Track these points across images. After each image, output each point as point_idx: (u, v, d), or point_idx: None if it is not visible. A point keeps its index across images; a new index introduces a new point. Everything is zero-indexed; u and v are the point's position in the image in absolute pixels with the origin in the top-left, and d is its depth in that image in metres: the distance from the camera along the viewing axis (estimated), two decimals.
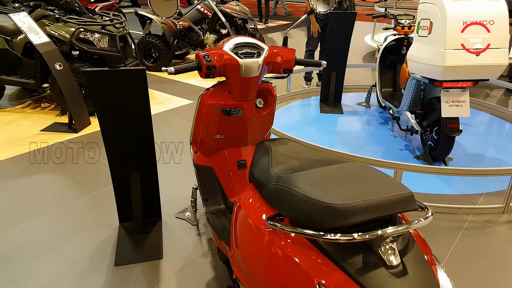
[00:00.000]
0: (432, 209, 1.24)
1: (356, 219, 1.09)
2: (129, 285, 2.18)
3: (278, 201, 1.32)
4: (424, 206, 1.24)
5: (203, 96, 1.98)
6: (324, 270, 1.13)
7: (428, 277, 1.11)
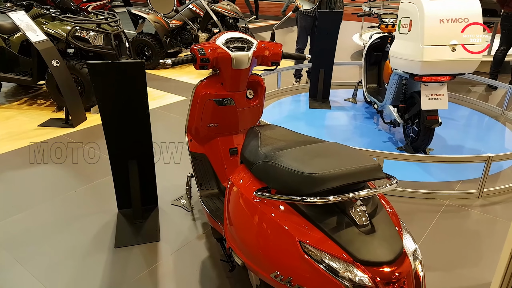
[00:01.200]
0: (397, 179, 1.42)
1: (331, 184, 1.27)
2: (129, 265, 2.34)
3: (266, 175, 1.50)
4: (390, 176, 1.42)
5: (197, 87, 2.16)
6: (304, 230, 1.31)
7: (392, 235, 1.29)
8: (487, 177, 2.95)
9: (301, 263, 1.28)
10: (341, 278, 1.20)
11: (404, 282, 1.21)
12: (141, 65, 2.21)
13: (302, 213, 1.36)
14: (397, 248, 1.25)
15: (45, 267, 2.30)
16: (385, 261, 1.21)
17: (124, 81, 2.26)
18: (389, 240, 1.28)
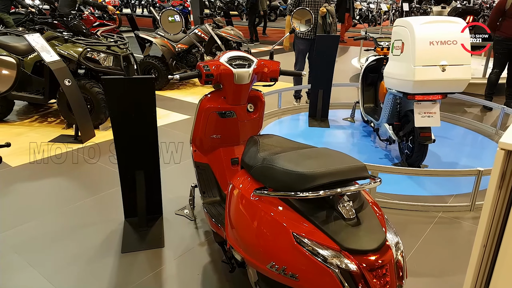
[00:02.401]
0: (381, 179, 1.57)
1: (320, 181, 1.42)
2: (134, 268, 2.47)
3: (263, 176, 1.65)
4: (375, 176, 1.57)
5: (202, 100, 2.34)
6: (297, 223, 1.46)
7: (376, 227, 1.44)
8: (478, 190, 3.08)
9: (294, 252, 1.42)
10: (329, 264, 1.33)
11: (387, 269, 1.34)
12: (150, 80, 2.40)
13: (295, 208, 1.50)
14: (380, 239, 1.39)
15: (55, 269, 2.43)
16: (369, 249, 1.35)
17: (135, 95, 2.45)
18: (373, 232, 1.42)
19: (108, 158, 4.00)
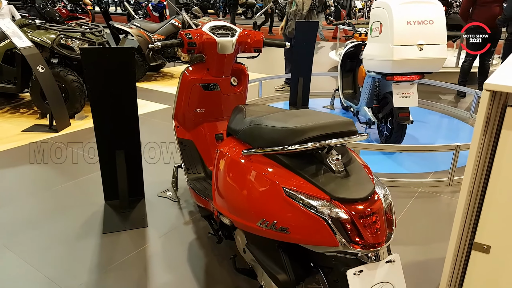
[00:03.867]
0: (368, 133, 1.58)
1: (309, 135, 1.42)
2: (117, 248, 2.41)
3: (252, 137, 1.63)
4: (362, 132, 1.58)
5: (184, 72, 2.30)
6: (287, 178, 1.45)
7: (365, 179, 1.44)
8: (456, 165, 3.15)
9: (284, 206, 1.41)
10: (320, 213, 1.33)
11: (377, 217, 1.35)
12: (130, 51, 2.35)
13: (284, 165, 1.49)
14: (369, 188, 1.39)
15: (34, 251, 2.35)
16: (359, 198, 1.35)
17: (114, 67, 2.39)
18: (362, 183, 1.42)
19: (86, 145, 3.90)
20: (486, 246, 1.42)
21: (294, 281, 1.51)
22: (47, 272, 2.17)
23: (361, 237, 1.33)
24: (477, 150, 1.34)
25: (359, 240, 1.33)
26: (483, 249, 1.43)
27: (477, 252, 1.45)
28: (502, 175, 1.33)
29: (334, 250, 1.36)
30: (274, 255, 1.58)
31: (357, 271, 1.33)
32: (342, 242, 1.31)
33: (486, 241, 1.42)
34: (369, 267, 1.35)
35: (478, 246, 1.44)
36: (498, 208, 1.36)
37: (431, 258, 2.35)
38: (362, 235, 1.32)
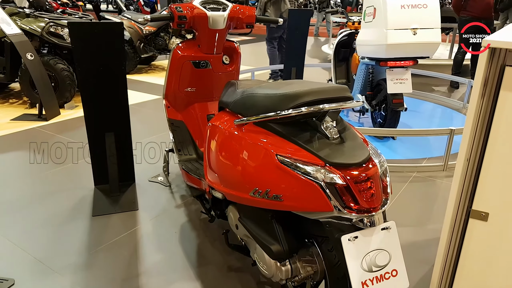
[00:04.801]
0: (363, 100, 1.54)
1: (304, 99, 1.38)
2: (107, 230, 2.35)
3: (244, 106, 1.59)
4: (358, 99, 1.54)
5: (175, 49, 2.25)
6: (280, 145, 1.40)
7: (360, 145, 1.40)
8: (450, 150, 3.13)
9: (278, 173, 1.37)
10: (314, 178, 1.29)
11: (372, 182, 1.31)
12: (120, 26, 2.29)
13: (278, 133, 1.45)
14: (364, 154, 1.35)
15: (22, 233, 2.29)
16: (354, 163, 1.31)
17: (103, 44, 2.33)
18: (357, 149, 1.38)
19: (74, 133, 3.83)
20: (484, 213, 1.39)
21: (287, 252, 1.47)
22: (34, 253, 2.11)
23: (356, 202, 1.29)
24: (475, 113, 1.31)
25: (354, 205, 1.29)
26: (481, 216, 1.40)
27: (474, 220, 1.42)
28: (500, 138, 1.30)
29: (328, 215, 1.32)
30: (267, 227, 1.53)
31: (352, 237, 1.29)
32: (337, 207, 1.27)
33: (484, 208, 1.39)
34: (364, 233, 1.32)
35: (475, 214, 1.41)
36: (496, 173, 1.33)
37: (426, 239, 2.32)
38: (357, 200, 1.28)
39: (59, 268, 2.01)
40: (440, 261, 1.48)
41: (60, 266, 2.03)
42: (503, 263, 1.39)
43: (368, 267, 1.30)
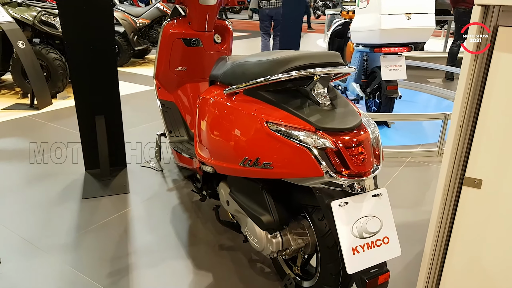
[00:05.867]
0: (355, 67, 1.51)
1: (294, 64, 1.35)
2: (97, 212, 2.32)
3: (234, 76, 1.56)
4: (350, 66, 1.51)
5: (165, 26, 2.22)
6: (270, 113, 1.37)
7: (351, 111, 1.38)
8: (445, 135, 3.11)
9: (268, 140, 1.34)
10: (304, 143, 1.26)
11: (363, 147, 1.28)
12: (109, 2, 2.26)
13: (268, 101, 1.42)
14: (355, 120, 1.33)
15: (11, 215, 2.25)
16: (345, 127, 1.29)
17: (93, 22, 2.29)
18: (348, 115, 1.36)
19: (66, 121, 3.78)
20: (477, 180, 1.36)
21: (277, 222, 1.44)
22: (23, 234, 2.08)
23: (347, 167, 1.26)
24: (467, 76, 1.28)
25: (345, 170, 1.26)
26: (474, 183, 1.37)
27: (468, 188, 1.39)
28: (493, 102, 1.27)
29: (319, 181, 1.29)
30: (258, 198, 1.51)
31: (342, 203, 1.26)
32: (327, 171, 1.25)
33: (477, 175, 1.36)
34: (355, 199, 1.29)
35: (469, 181, 1.38)
36: (489, 138, 1.31)
37: (419, 219, 2.30)
38: (348, 164, 1.25)
39: (47, 248, 1.98)
40: (433, 232, 1.46)
41: (49, 246, 1.99)
42: (498, 231, 1.37)
43: (359, 233, 1.27)
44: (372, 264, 1.28)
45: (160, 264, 1.88)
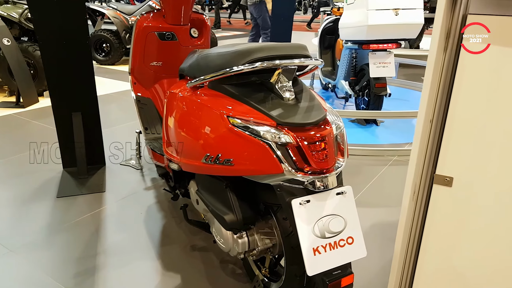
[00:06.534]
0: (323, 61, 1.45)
1: (257, 55, 1.29)
2: (70, 211, 2.26)
3: (198, 68, 1.50)
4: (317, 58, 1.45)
5: (138, 20, 2.16)
6: (231, 106, 1.31)
7: (316, 106, 1.32)
8: None
9: (228, 135, 1.28)
10: (264, 139, 1.20)
11: (326, 143, 1.22)
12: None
13: (231, 94, 1.36)
14: (319, 115, 1.27)
15: None
16: (307, 122, 1.23)
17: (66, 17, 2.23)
18: (312, 109, 1.29)
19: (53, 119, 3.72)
20: (448, 178, 1.30)
21: (241, 221, 1.38)
22: None
23: (308, 164, 1.20)
24: (433, 68, 1.22)
25: (306, 167, 1.20)
26: (445, 181, 1.31)
27: (439, 186, 1.33)
28: (462, 95, 1.21)
29: (279, 178, 1.23)
30: (222, 197, 1.44)
31: (303, 201, 1.20)
32: (287, 168, 1.19)
33: (448, 173, 1.30)
34: (317, 197, 1.23)
35: (439, 179, 1.32)
36: (460, 133, 1.24)
37: None
38: (309, 160, 1.19)
39: (15, 247, 1.92)
40: (402, 232, 1.40)
41: (16, 245, 1.93)
42: (470, 230, 1.31)
43: (321, 233, 1.21)
44: (334, 265, 1.22)
45: (128, 265, 1.82)
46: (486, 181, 1.22)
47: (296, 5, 17.93)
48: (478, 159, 1.22)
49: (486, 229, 1.27)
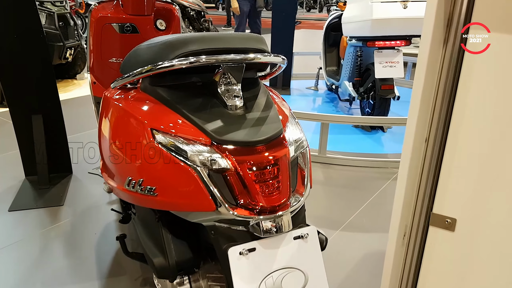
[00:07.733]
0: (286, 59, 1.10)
1: (192, 47, 0.97)
2: (19, 227, 1.98)
3: (129, 65, 1.19)
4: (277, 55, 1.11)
5: (93, 9, 1.85)
6: (159, 117, 0.99)
7: (271, 118, 0.98)
8: None
9: (151, 155, 0.96)
10: (191, 162, 0.88)
11: (278, 169, 0.89)
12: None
13: (164, 100, 1.04)
14: (271, 131, 0.94)
15: None
16: (251, 141, 0.90)
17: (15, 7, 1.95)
18: (264, 123, 0.96)
19: None
20: (449, 219, 0.96)
21: (174, 267, 1.05)
22: None
23: (251, 198, 0.87)
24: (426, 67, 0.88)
25: (250, 202, 0.87)
26: (445, 224, 0.96)
27: (436, 229, 0.98)
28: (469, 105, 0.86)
29: (212, 218, 0.90)
30: (155, 232, 1.12)
31: (245, 250, 0.88)
32: (221, 204, 0.86)
33: (450, 213, 0.95)
34: (265, 244, 0.90)
35: (437, 220, 0.97)
36: (465, 160, 0.90)
37: None
38: (251, 194, 0.86)
39: None
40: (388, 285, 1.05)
41: None
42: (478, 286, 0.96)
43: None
44: None
45: None
46: (501, 223, 0.88)
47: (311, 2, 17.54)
48: (489, 196, 0.87)
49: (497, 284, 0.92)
